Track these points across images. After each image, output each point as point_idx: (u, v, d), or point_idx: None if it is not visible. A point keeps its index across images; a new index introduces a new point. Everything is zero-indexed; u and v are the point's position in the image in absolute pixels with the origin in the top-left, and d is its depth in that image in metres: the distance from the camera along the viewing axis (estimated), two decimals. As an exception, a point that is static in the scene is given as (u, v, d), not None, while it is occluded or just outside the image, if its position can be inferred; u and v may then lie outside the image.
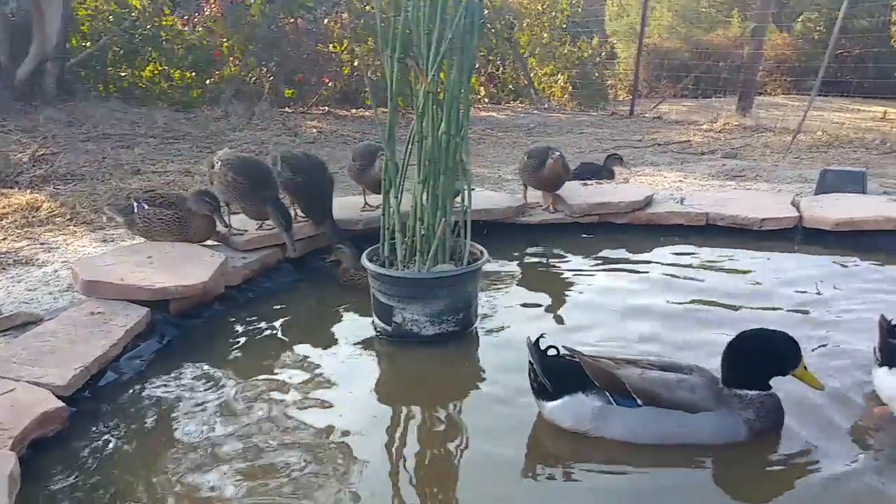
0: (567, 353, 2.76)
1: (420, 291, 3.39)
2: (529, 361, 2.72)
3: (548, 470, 2.54)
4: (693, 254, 4.78)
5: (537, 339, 2.75)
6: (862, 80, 17.59)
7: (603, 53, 17.45)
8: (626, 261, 4.72)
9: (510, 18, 15.66)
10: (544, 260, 4.84)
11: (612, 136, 12.12)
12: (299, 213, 4.63)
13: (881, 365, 2.73)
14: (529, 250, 4.98)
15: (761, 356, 2.61)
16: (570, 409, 2.66)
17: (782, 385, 2.69)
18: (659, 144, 11.12)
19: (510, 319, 3.80)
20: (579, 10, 17.88)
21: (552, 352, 2.76)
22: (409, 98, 3.66)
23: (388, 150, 3.59)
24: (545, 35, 16.76)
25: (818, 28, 19.98)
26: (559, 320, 3.81)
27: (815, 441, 2.62)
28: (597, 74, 17.04)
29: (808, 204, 5.03)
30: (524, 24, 16.36)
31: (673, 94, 17.07)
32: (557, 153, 4.92)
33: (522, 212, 5.28)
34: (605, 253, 4.84)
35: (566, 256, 4.85)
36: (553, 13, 16.73)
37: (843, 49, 19.50)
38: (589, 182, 5.79)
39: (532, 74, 16.73)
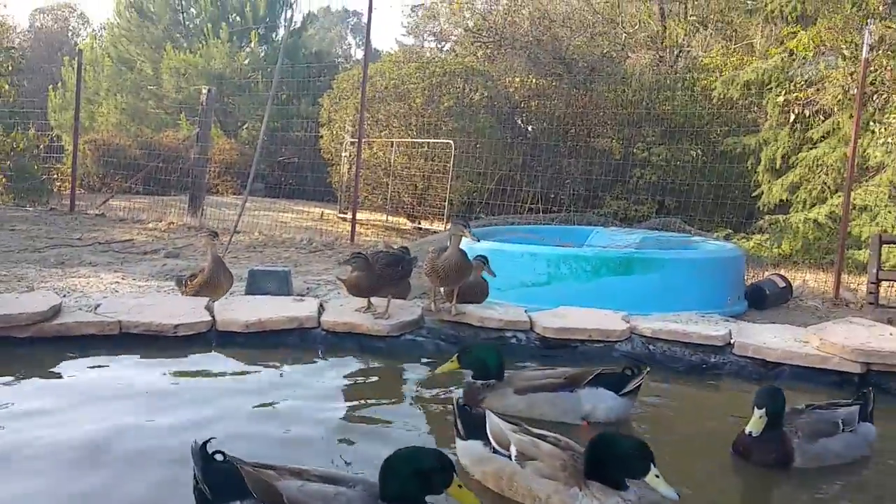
0: (231, 460, 2.63)
1: None
2: (193, 467, 2.58)
3: None
4: (104, 366, 4.49)
5: (204, 443, 2.62)
6: (302, 185, 19.60)
7: (41, 146, 16.17)
8: (29, 383, 4.19)
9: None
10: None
11: (49, 234, 11.21)
12: None
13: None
14: None
15: (407, 475, 2.57)
16: None
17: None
18: (100, 243, 10.63)
19: None
20: (11, 98, 16.33)
21: (220, 457, 2.63)
22: None
23: None
24: (-31, 121, 14.92)
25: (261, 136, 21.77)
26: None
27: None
28: (36, 167, 15.70)
29: (221, 307, 5.18)
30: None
31: (125, 191, 16.63)
32: None
33: None
34: (11, 370, 4.25)
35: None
36: (-18, 97, 15.04)
37: (285, 156, 21.56)
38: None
39: (-48, 163, 14.68)
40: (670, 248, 8.57)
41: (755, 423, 3.51)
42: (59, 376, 4.32)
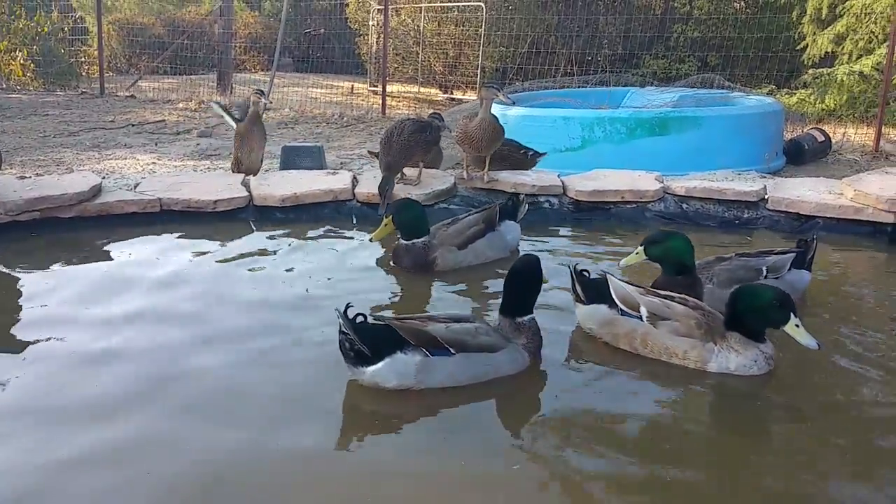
0: (374, 319, 2.91)
1: None
2: (342, 331, 2.81)
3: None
4: (152, 242, 4.62)
5: (346, 308, 2.81)
6: (330, 58, 19.21)
7: (66, 28, 15.97)
8: (83, 258, 4.36)
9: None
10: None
11: (82, 118, 11.25)
12: None
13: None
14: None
15: (532, 282, 3.08)
16: (393, 369, 2.83)
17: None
18: (133, 125, 10.66)
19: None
20: (31, -22, 16.03)
21: (360, 318, 2.86)
22: None
23: None
24: (-6, 6, 14.74)
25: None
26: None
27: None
28: (63, 50, 15.58)
29: (257, 183, 5.25)
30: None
31: (153, 72, 16.50)
32: None
33: (-54, 216, 4.53)
34: (57, 252, 4.41)
35: (9, 263, 4.30)
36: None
37: (311, 27, 21.04)
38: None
39: (-17, 51, 14.62)
40: (707, 106, 8.34)
41: (630, 258, 3.62)
42: (108, 257, 4.45)
